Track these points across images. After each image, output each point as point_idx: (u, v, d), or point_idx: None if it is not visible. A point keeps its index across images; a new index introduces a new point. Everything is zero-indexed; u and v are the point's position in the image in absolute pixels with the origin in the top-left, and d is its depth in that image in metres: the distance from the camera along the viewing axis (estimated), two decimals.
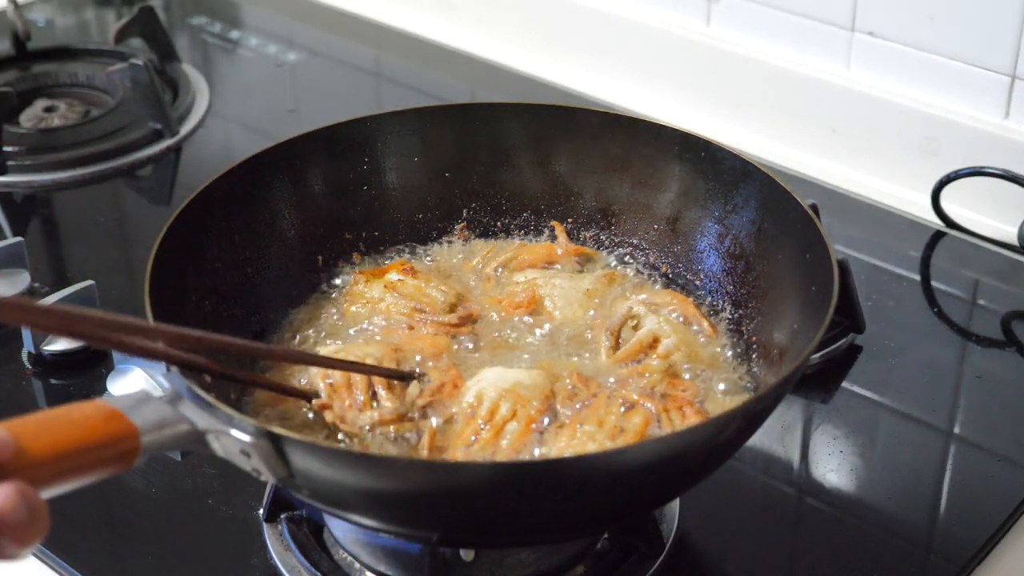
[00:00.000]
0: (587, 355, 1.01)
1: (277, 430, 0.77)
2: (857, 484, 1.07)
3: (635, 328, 1.02)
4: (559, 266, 1.10)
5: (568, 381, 0.96)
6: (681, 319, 1.03)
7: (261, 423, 0.78)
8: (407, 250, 1.13)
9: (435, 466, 0.81)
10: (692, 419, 0.92)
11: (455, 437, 0.91)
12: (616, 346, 1.01)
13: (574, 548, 0.95)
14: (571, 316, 1.04)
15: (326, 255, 1.11)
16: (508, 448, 0.89)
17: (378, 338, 1.02)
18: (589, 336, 1.03)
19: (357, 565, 0.96)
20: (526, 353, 1.01)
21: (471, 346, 1.01)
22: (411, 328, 1.02)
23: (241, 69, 1.74)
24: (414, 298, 1.05)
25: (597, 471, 0.78)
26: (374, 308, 1.05)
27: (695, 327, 1.03)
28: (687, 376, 0.98)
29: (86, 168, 1.49)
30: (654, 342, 1.00)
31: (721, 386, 0.98)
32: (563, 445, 0.90)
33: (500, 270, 1.10)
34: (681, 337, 1.00)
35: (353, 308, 1.06)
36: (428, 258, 1.13)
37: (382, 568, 0.95)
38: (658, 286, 1.09)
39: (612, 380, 0.97)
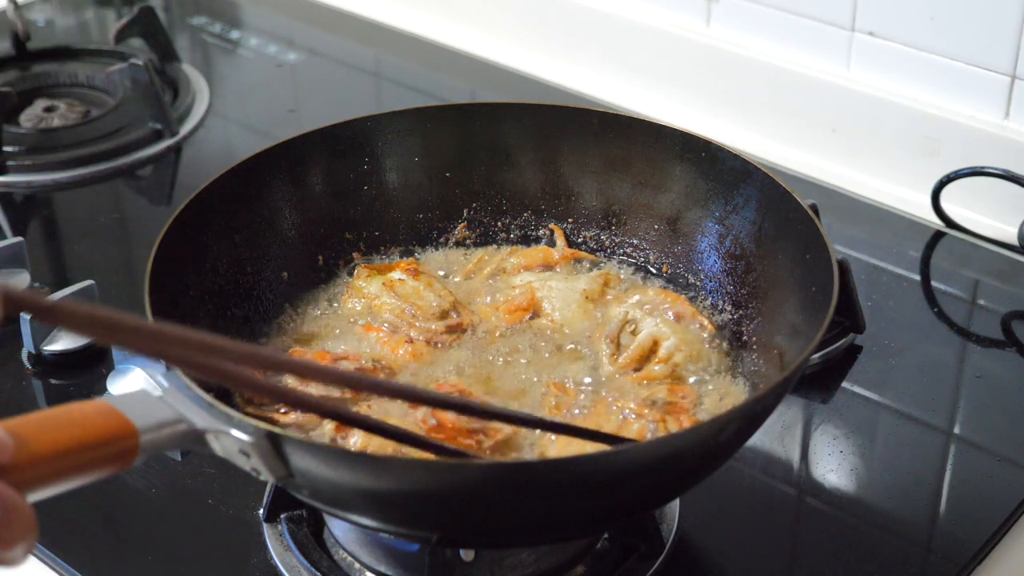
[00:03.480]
0: (585, 366, 1.01)
1: (276, 430, 0.77)
2: (857, 484, 1.07)
3: (633, 333, 1.02)
4: (557, 269, 1.10)
5: (546, 391, 0.96)
6: (673, 317, 1.03)
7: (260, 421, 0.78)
8: (409, 250, 1.13)
9: (434, 466, 0.81)
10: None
11: None
12: (617, 352, 1.01)
13: (574, 548, 0.95)
14: (570, 318, 1.04)
15: (327, 255, 1.11)
16: None
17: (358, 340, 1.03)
18: (585, 346, 1.03)
19: (357, 565, 0.96)
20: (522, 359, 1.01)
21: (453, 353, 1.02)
22: (395, 331, 1.03)
23: (241, 69, 1.74)
24: (409, 300, 1.05)
25: (596, 471, 0.78)
26: (369, 304, 1.05)
27: (693, 325, 1.03)
28: (692, 379, 0.98)
29: (86, 168, 1.49)
30: (654, 345, 1.00)
31: (720, 386, 0.98)
32: (560, 448, 0.90)
33: (492, 280, 1.10)
34: (681, 337, 1.00)
35: (351, 303, 1.06)
36: (434, 258, 1.13)
37: (382, 568, 0.95)
38: (655, 285, 1.09)
39: (602, 382, 0.98)
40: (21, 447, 0.66)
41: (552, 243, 1.14)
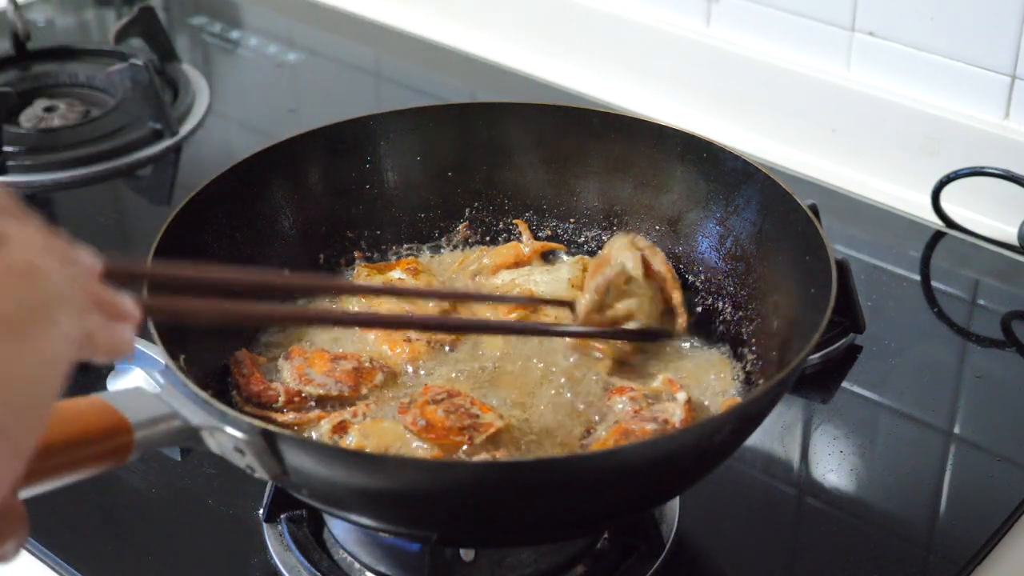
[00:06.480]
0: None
1: (271, 427, 0.77)
2: (857, 484, 1.07)
3: (619, 297, 0.99)
4: (532, 264, 1.10)
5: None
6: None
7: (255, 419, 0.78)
8: (412, 250, 1.14)
9: (429, 465, 0.81)
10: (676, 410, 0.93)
11: None
12: (600, 311, 0.98)
13: (574, 548, 0.95)
14: (563, 310, 1.04)
15: (328, 253, 1.11)
16: None
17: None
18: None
19: (357, 565, 0.96)
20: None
21: (448, 349, 1.01)
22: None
23: (241, 69, 1.74)
24: (408, 299, 1.05)
25: (594, 471, 0.78)
26: (369, 304, 1.05)
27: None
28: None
29: (86, 168, 1.49)
30: (628, 317, 0.99)
31: (718, 386, 0.98)
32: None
33: (474, 279, 1.10)
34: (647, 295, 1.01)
35: (350, 302, 1.06)
36: (435, 258, 1.13)
37: (382, 568, 0.95)
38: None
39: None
40: None
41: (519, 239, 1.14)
